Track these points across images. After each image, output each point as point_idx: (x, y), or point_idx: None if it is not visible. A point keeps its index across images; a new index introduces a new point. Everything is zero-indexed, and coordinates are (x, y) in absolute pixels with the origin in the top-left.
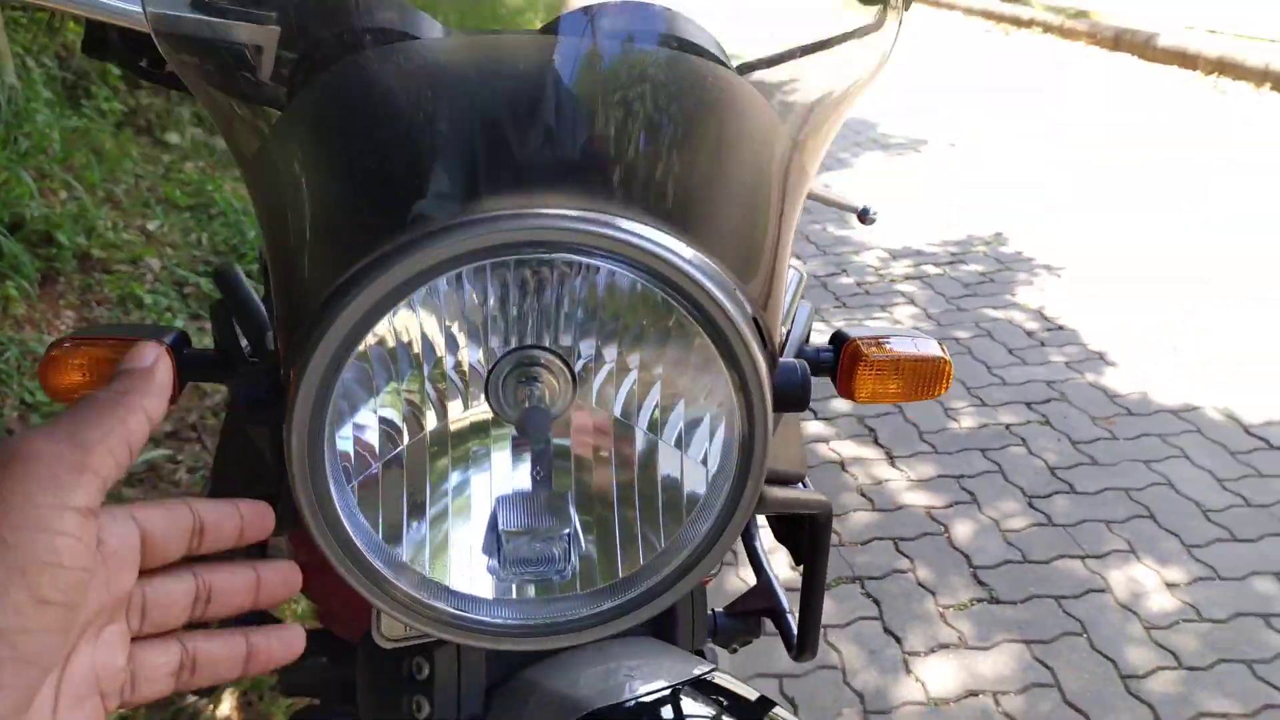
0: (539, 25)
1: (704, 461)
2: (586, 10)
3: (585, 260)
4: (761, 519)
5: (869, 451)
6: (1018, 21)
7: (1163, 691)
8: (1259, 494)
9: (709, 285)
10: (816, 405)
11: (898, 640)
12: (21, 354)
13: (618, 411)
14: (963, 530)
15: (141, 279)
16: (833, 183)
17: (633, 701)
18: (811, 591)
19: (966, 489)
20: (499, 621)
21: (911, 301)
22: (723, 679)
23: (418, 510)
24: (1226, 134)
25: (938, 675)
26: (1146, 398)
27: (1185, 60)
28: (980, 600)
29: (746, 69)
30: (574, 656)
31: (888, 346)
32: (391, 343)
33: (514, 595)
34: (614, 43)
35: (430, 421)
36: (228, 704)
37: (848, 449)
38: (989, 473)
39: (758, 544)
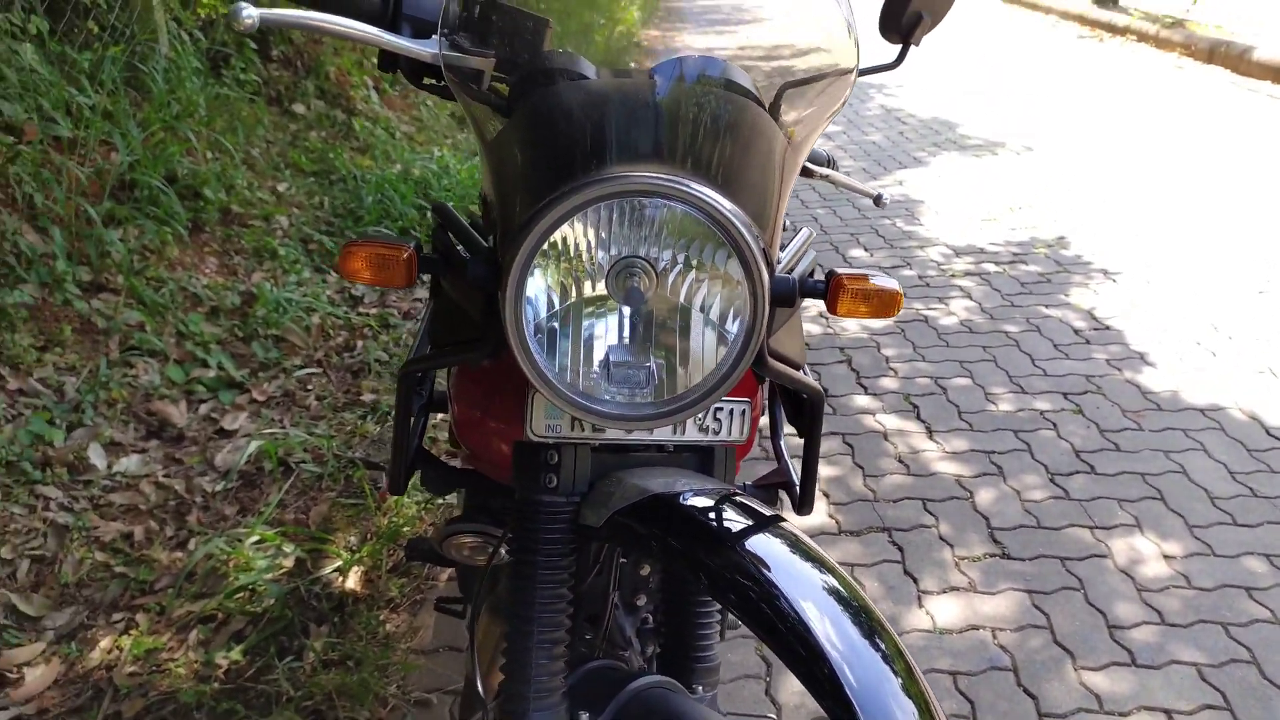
0: (649, 66)
1: (727, 327)
2: (678, 60)
3: (668, 203)
4: (786, 427)
5: (910, 425)
6: (1112, 28)
7: (1143, 640)
8: (1267, 487)
9: (739, 224)
10: (867, 382)
11: (914, 580)
12: (176, 289)
13: (682, 297)
14: (986, 497)
15: (273, 234)
16: (906, 179)
17: (682, 497)
18: (809, 458)
19: (995, 463)
20: (610, 411)
21: (968, 295)
22: (745, 499)
23: (566, 345)
24: None
25: (945, 610)
26: (1177, 396)
27: None
28: (993, 555)
29: (782, 88)
30: (647, 469)
31: (861, 280)
32: (559, 245)
33: (617, 400)
34: (691, 81)
35: (576, 295)
36: (354, 578)
37: (891, 422)
38: (1018, 451)
39: (781, 440)
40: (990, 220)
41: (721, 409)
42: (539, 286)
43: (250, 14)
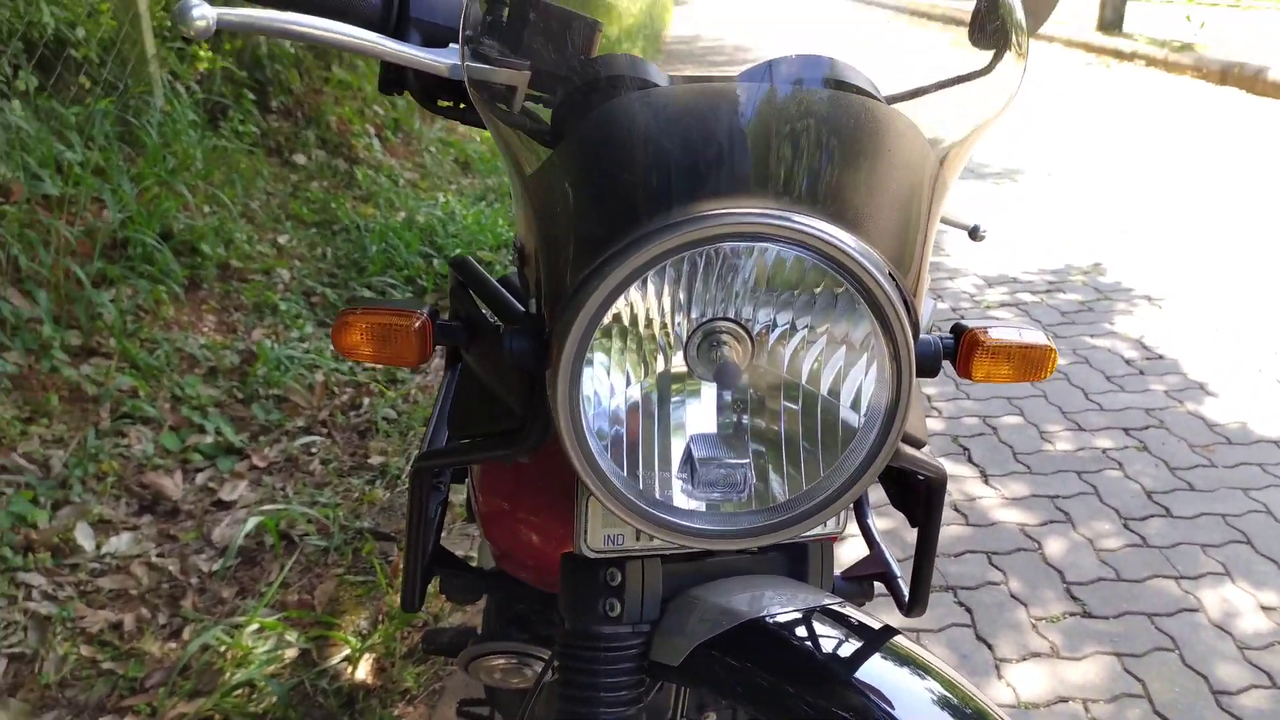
0: (736, 74)
1: (854, 409)
2: (770, 63)
3: (770, 245)
4: (873, 498)
5: (963, 470)
6: (1119, 54)
7: (1255, 708)
8: None
9: (871, 269)
10: None
11: (989, 647)
12: (171, 351)
13: (785, 368)
14: (1056, 547)
15: (274, 288)
16: None
17: (774, 617)
18: (925, 550)
19: (1061, 509)
20: (696, 526)
21: None
22: (848, 609)
23: (636, 440)
24: None
25: (1028, 681)
26: (1246, 428)
27: None
28: (1073, 614)
29: (894, 100)
30: (729, 581)
31: (1000, 335)
32: (625, 311)
33: (705, 509)
34: (789, 86)
35: (646, 374)
36: (364, 668)
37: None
38: (1084, 494)
39: (870, 520)
40: (1020, 248)
41: None
42: (600, 367)
43: (204, 14)
